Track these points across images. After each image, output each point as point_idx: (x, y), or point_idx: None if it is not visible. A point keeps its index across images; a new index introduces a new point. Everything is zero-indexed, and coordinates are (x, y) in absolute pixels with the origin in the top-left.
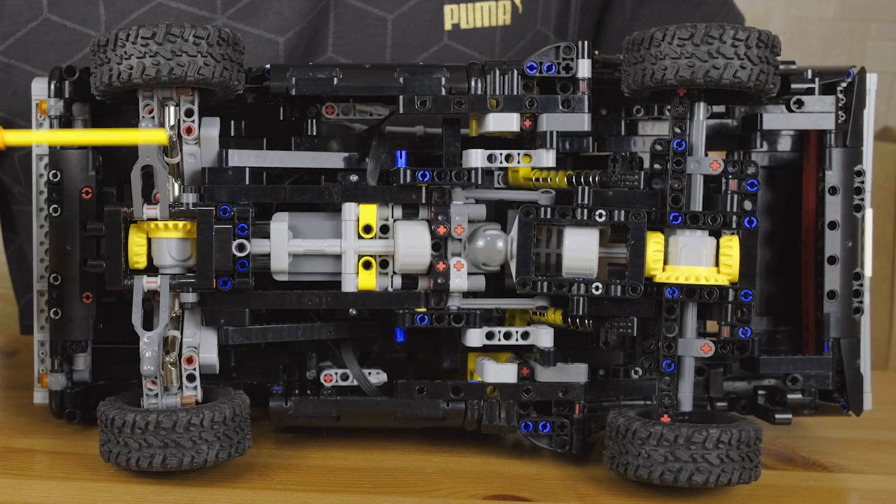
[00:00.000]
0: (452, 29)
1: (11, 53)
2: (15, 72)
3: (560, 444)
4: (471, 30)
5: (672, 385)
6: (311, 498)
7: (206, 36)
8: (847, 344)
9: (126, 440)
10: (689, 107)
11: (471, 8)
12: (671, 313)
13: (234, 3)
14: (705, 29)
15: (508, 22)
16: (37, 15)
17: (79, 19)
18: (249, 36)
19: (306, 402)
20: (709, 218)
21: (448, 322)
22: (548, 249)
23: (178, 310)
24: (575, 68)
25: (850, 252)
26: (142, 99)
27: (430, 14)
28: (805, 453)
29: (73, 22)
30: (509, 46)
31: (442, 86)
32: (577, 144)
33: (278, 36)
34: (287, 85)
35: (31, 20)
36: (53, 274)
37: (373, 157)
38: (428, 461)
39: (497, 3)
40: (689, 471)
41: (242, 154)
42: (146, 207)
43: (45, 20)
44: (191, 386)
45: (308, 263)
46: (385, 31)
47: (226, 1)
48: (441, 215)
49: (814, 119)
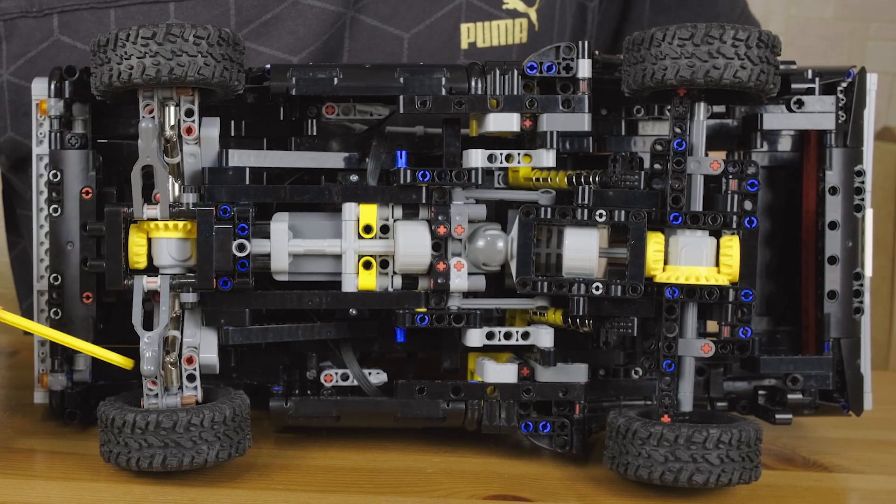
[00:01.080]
0: (469, 48)
1: (22, 74)
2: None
3: (560, 444)
4: (487, 48)
5: (672, 385)
6: (311, 498)
7: (206, 36)
8: (847, 344)
9: (126, 440)
10: (689, 107)
11: (487, 27)
12: (671, 313)
13: (249, 22)
14: (705, 29)
15: (525, 40)
16: (48, 36)
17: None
18: (263, 56)
19: (306, 402)
20: (709, 218)
21: (448, 322)
22: (548, 249)
23: (178, 310)
24: (575, 68)
25: (850, 252)
26: (142, 99)
27: (447, 33)
28: (805, 453)
29: (83, 43)
30: None
31: (442, 86)
32: (577, 144)
33: (292, 56)
34: (287, 85)
35: (42, 41)
36: (53, 274)
37: (373, 157)
38: (428, 461)
39: (514, 21)
40: (689, 471)
41: (242, 154)
42: (146, 207)
43: (55, 41)
44: (191, 386)
45: (308, 263)
46: (401, 50)
47: (240, 21)
48: (441, 215)
49: (814, 119)
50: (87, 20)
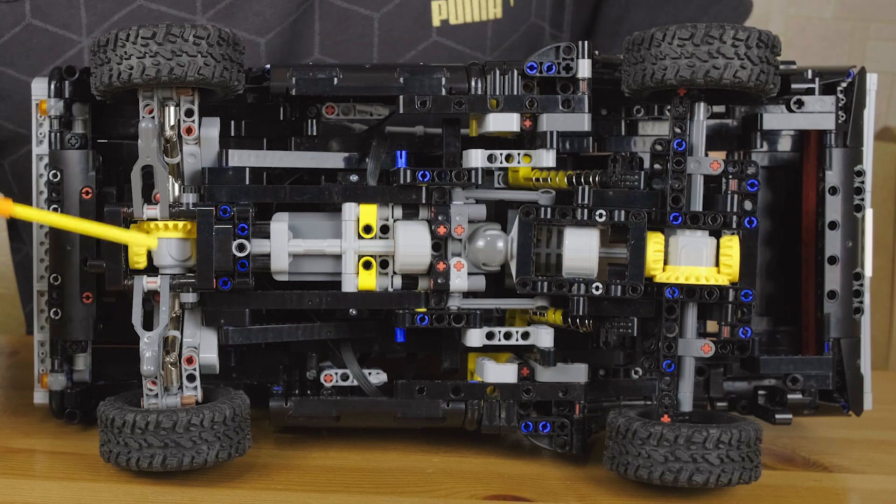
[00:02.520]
0: (441, 25)
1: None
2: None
3: (560, 444)
4: (461, 25)
5: (672, 385)
6: (311, 498)
7: (206, 36)
8: (847, 344)
9: (126, 440)
10: (689, 107)
11: (459, 2)
12: (671, 313)
13: (214, 4)
14: (705, 29)
15: (500, 15)
16: (20, 20)
17: (61, 23)
18: None
19: (306, 402)
20: (709, 218)
21: (448, 322)
22: (548, 249)
23: (178, 310)
24: (575, 68)
25: (850, 252)
26: (142, 99)
27: (417, 11)
28: (805, 453)
29: (54, 26)
30: (501, 40)
31: (442, 86)
32: (577, 144)
33: (259, 37)
34: (287, 85)
35: (14, 25)
36: (53, 274)
37: (373, 157)
38: (428, 461)
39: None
40: (689, 471)
41: (242, 154)
42: (146, 207)
43: (27, 25)
44: (191, 386)
45: (308, 263)
46: (372, 31)
47: (206, 2)
48: (441, 215)
49: (814, 119)
50: (58, 3)
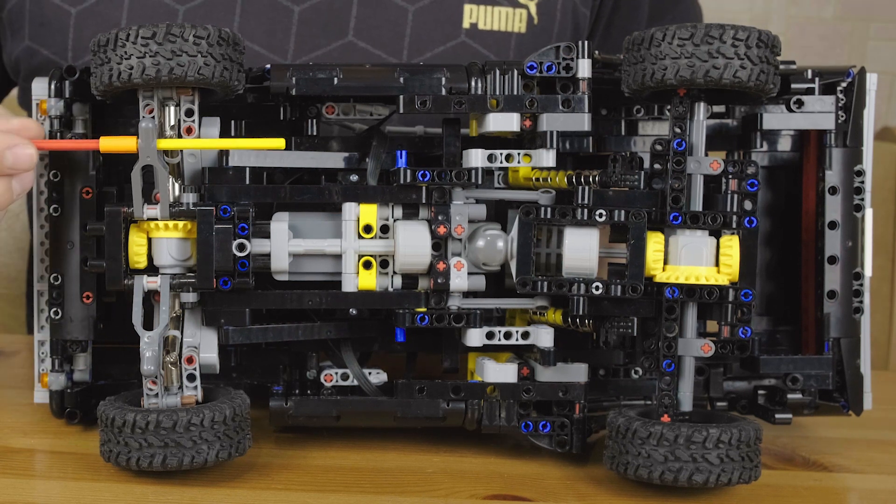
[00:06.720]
0: (470, 28)
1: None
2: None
3: (560, 443)
4: (488, 31)
5: (672, 385)
6: (311, 498)
7: (206, 36)
8: (847, 344)
9: (126, 440)
10: (689, 107)
11: (489, 10)
12: (671, 313)
13: None
14: (705, 29)
15: (524, 30)
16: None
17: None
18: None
19: (306, 402)
20: (709, 218)
21: (448, 322)
22: (548, 249)
23: (178, 310)
24: (575, 68)
25: (850, 252)
26: (142, 99)
27: (450, 10)
28: (805, 453)
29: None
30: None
31: (442, 86)
32: (577, 144)
33: (294, 5)
34: (287, 85)
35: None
36: (53, 274)
37: (373, 157)
38: (428, 461)
39: (514, 11)
40: (689, 470)
41: (242, 154)
42: (146, 207)
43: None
44: (191, 386)
45: (308, 263)
46: (405, 22)
47: None
48: (441, 215)
49: (814, 119)
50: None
